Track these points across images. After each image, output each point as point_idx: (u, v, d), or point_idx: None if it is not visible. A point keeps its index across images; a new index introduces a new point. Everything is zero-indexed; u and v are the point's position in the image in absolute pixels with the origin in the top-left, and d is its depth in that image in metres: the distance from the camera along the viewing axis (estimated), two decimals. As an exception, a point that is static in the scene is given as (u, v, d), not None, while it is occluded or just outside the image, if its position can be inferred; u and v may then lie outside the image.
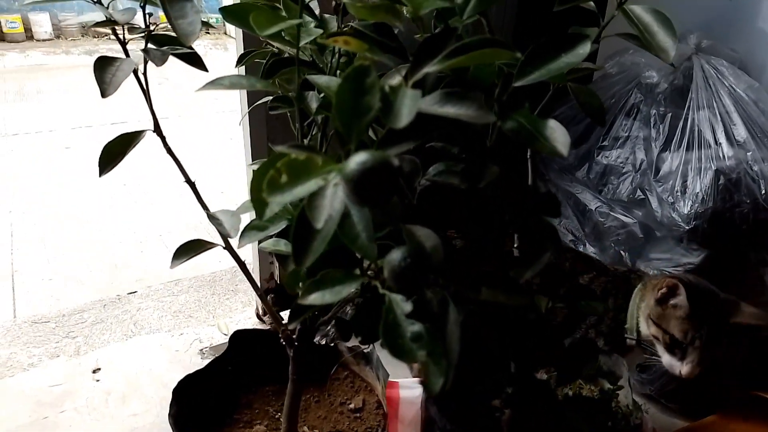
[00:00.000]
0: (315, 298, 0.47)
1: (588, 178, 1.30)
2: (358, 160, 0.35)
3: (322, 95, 0.65)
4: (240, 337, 0.87)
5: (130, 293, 1.78)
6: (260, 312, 1.53)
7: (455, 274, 0.54)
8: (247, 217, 0.72)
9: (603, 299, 0.77)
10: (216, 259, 1.99)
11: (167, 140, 0.72)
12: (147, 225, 2.31)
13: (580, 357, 0.67)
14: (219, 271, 1.93)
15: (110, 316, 1.64)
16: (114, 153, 0.68)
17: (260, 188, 0.46)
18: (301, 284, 0.72)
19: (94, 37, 5.56)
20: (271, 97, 0.72)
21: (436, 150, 0.70)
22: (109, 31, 0.67)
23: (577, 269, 0.88)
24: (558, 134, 0.52)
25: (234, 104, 1.16)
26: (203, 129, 3.50)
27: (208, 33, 5.76)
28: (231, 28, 4.78)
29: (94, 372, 1.28)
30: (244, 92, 1.21)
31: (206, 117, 3.75)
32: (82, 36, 5.44)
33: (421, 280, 0.49)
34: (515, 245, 0.68)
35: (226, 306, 1.74)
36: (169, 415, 0.73)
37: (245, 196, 0.68)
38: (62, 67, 4.84)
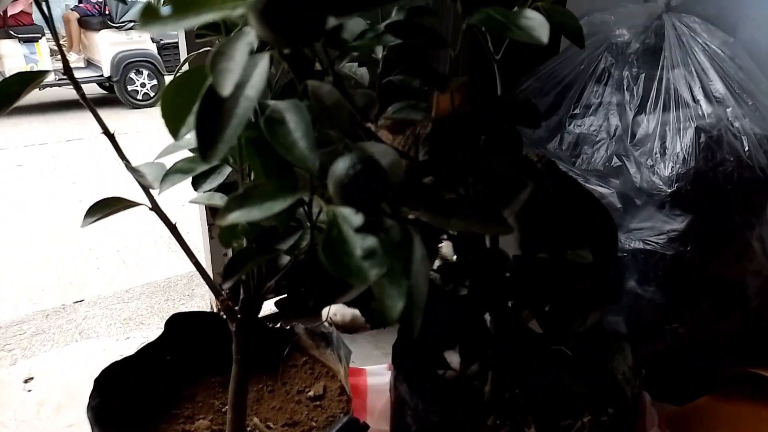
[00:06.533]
0: (238, 216, 0.36)
1: (560, 149, 1.22)
2: (269, -23, 0.26)
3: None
4: (179, 321, 0.76)
5: (77, 302, 1.63)
6: (216, 311, 1.41)
7: (420, 200, 0.45)
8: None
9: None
10: (173, 266, 1.86)
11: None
12: (104, 241, 2.16)
13: (569, 311, 0.58)
14: (174, 277, 1.79)
15: (53, 326, 1.49)
16: (11, 93, 0.58)
17: (170, 103, 0.36)
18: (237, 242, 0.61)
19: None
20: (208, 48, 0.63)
21: (395, 85, 0.62)
22: None
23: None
24: (535, 22, 0.44)
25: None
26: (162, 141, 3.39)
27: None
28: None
29: (25, 382, 1.13)
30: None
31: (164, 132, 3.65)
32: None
33: (375, 194, 0.39)
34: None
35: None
36: (88, 407, 0.61)
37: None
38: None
